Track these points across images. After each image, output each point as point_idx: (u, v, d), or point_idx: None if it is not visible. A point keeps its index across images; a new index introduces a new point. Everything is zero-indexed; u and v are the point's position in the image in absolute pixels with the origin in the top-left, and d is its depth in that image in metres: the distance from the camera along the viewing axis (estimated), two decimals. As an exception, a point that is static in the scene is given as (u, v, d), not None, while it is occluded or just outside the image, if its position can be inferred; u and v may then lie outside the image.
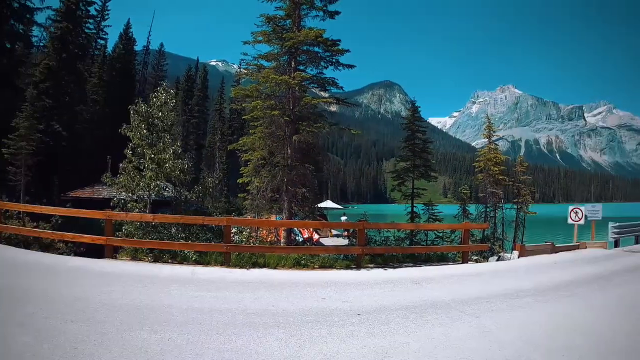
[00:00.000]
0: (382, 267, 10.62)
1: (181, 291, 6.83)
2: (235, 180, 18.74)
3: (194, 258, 10.00)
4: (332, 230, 27.63)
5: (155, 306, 5.87)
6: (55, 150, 25.98)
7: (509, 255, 14.49)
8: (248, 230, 13.50)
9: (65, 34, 29.51)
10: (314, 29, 14.11)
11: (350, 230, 22.52)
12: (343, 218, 33.05)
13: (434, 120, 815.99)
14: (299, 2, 14.73)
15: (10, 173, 23.32)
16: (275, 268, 9.78)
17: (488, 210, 24.43)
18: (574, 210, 16.26)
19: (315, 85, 15.49)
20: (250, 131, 16.47)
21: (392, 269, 10.35)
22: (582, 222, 16.15)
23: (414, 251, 13.40)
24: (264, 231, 14.82)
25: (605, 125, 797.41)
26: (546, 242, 15.19)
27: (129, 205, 12.44)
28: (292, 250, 11.75)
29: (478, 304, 6.78)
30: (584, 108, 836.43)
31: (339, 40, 14.73)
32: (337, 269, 10.22)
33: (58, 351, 4.08)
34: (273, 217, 15.91)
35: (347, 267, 10.35)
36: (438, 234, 17.80)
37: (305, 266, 10.15)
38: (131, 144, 12.46)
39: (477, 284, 8.75)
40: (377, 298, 7.10)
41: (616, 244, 16.69)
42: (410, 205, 23.42)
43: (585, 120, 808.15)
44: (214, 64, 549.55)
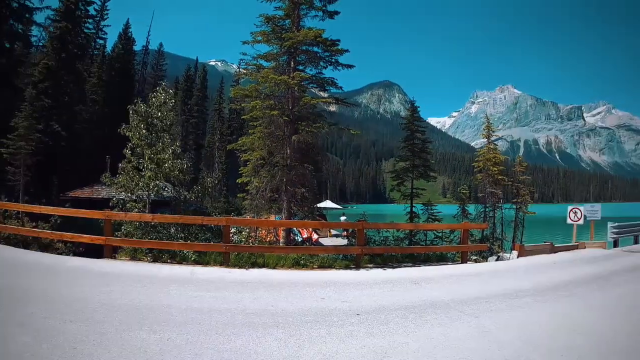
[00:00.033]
0: (381, 267, 10.62)
1: (180, 291, 6.82)
2: (235, 180, 18.75)
3: (193, 258, 10.00)
4: (331, 230, 27.62)
5: (155, 306, 5.86)
6: (55, 150, 25.96)
7: (508, 255, 14.50)
8: (247, 230, 13.51)
9: (65, 33, 29.48)
10: (313, 29, 14.12)
11: (350, 230, 22.58)
12: (342, 218, 33.06)
13: (433, 120, 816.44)
14: (298, 2, 14.73)
15: (9, 173, 23.29)
16: (274, 268, 9.77)
17: (487, 210, 24.45)
18: (573, 210, 16.27)
19: (315, 85, 15.50)
20: (250, 131, 16.48)
21: (391, 269, 10.35)
22: (581, 222, 16.15)
23: (413, 251, 13.40)
24: (263, 231, 14.83)
25: (604, 125, 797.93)
26: (545, 242, 15.20)
27: (128, 205, 12.42)
28: (291, 250, 11.74)
29: (477, 304, 6.78)
30: (583, 108, 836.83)
31: (338, 40, 14.75)
32: (336, 269, 10.21)
33: (57, 351, 4.07)
34: (272, 217, 15.93)
35: (346, 267, 10.34)
36: (437, 234, 17.80)
37: (305, 266, 10.14)
38: (130, 143, 12.44)
39: (476, 284, 8.75)
40: (376, 298, 7.09)
41: (615, 244, 16.68)
42: (410, 205, 23.42)
43: (584, 120, 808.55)
44: (213, 63, 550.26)
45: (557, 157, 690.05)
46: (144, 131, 12.34)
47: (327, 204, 39.56)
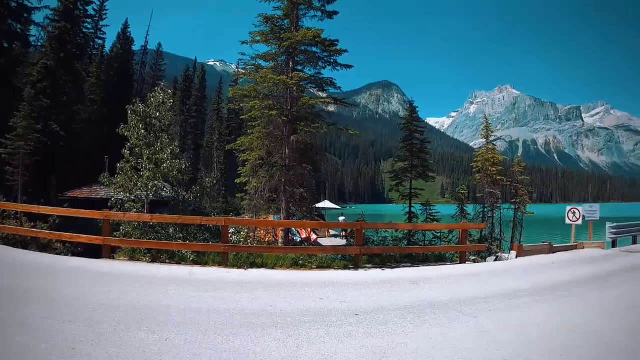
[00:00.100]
0: (380, 267, 10.62)
1: (179, 291, 6.82)
2: (233, 180, 18.72)
3: (191, 258, 10.00)
4: (330, 230, 27.58)
5: (153, 306, 5.86)
6: (53, 149, 25.91)
7: (506, 255, 14.51)
8: (246, 230, 13.50)
9: (63, 33, 29.41)
10: (312, 29, 14.12)
11: (348, 230, 22.54)
12: (341, 218, 32.99)
13: (431, 120, 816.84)
14: (297, 2, 14.73)
15: (7, 173, 23.26)
16: (272, 268, 9.77)
17: (486, 210, 24.47)
18: (572, 210, 16.29)
19: (313, 85, 15.50)
20: (248, 131, 16.48)
21: (389, 269, 10.35)
22: (580, 222, 16.16)
23: (412, 251, 13.41)
24: (262, 231, 14.82)
25: (602, 125, 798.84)
26: (544, 242, 15.21)
27: (127, 205, 12.42)
28: (290, 250, 11.75)
29: (476, 304, 6.79)
30: (581, 108, 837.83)
31: (337, 40, 14.77)
32: (335, 269, 10.22)
33: (55, 351, 4.07)
34: (271, 217, 15.92)
35: (345, 267, 10.34)
36: (436, 234, 17.82)
37: (303, 266, 10.14)
38: (129, 143, 12.44)
39: (474, 284, 8.76)
40: (375, 298, 7.10)
41: (613, 244, 16.67)
42: (408, 205, 23.44)
43: (582, 120, 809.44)
44: (211, 63, 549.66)
45: (556, 157, 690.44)
46: (142, 131, 12.33)
47: (326, 204, 39.41)
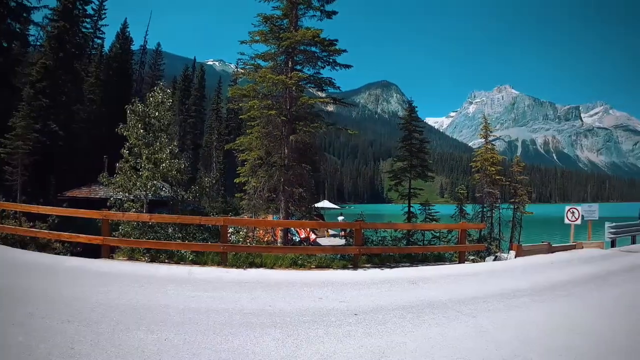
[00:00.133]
0: (379, 267, 10.63)
1: (178, 291, 6.82)
2: (232, 180, 18.70)
3: (190, 258, 10.00)
4: (329, 230, 27.56)
5: (152, 306, 5.86)
6: (52, 149, 25.86)
7: (505, 255, 14.54)
8: (245, 230, 13.49)
9: (62, 33, 29.36)
10: (311, 29, 14.10)
11: (347, 230, 22.53)
12: (340, 218, 32.99)
13: (431, 120, 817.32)
14: (296, 2, 14.72)
15: (6, 173, 23.22)
16: (272, 268, 9.78)
17: (485, 210, 24.47)
18: (571, 210, 16.30)
19: (312, 85, 15.48)
20: (247, 131, 16.47)
21: (389, 269, 10.36)
22: (579, 222, 16.18)
23: (411, 251, 13.41)
24: (261, 231, 14.80)
25: (601, 125, 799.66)
26: (543, 242, 15.22)
27: (126, 205, 12.41)
28: (289, 250, 11.76)
29: (475, 304, 6.79)
30: (580, 108, 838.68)
31: (336, 40, 14.75)
32: (334, 269, 10.22)
33: (55, 351, 4.07)
34: (270, 217, 15.91)
35: (344, 267, 10.35)
36: (435, 234, 17.81)
37: (302, 266, 10.14)
38: (128, 143, 12.44)
39: (474, 284, 8.76)
40: (374, 298, 7.10)
41: (613, 244, 16.69)
42: (407, 205, 23.43)
43: (582, 120, 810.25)
44: (211, 63, 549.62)
45: (555, 157, 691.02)
46: (142, 131, 12.34)
47: (325, 204, 39.38)
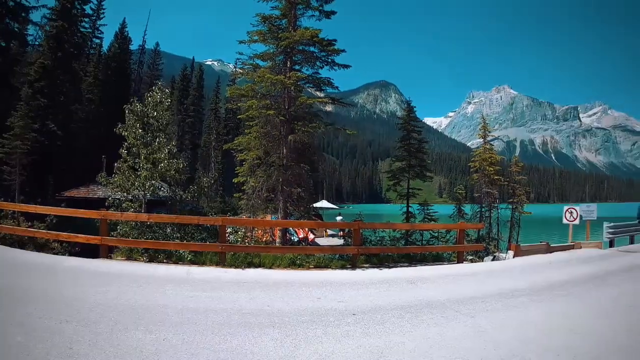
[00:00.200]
0: (378, 267, 10.64)
1: (176, 291, 6.81)
2: (231, 180, 18.69)
3: (189, 258, 9.99)
4: (328, 230, 27.58)
5: (151, 306, 5.85)
6: (50, 149, 25.83)
7: (504, 255, 14.55)
8: (243, 230, 13.50)
9: (61, 32, 29.33)
10: (310, 29, 14.09)
11: (346, 230, 22.54)
12: (338, 218, 33.00)
13: (429, 120, 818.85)
14: (295, 2, 14.70)
15: (5, 172, 23.20)
16: (270, 268, 9.78)
17: (483, 210, 24.43)
18: (569, 211, 16.33)
19: (311, 85, 15.46)
20: (246, 131, 16.46)
21: (387, 269, 10.37)
22: (577, 222, 16.21)
23: (410, 251, 13.43)
24: (260, 231, 14.81)
25: (600, 126, 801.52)
26: (541, 242, 15.25)
27: (124, 205, 12.39)
28: (288, 250, 11.75)
29: (473, 304, 6.80)
30: (579, 109, 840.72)
31: (335, 40, 14.73)
32: (333, 268, 10.23)
33: (53, 351, 4.06)
34: (268, 217, 15.90)
35: (343, 267, 10.36)
36: (433, 234, 17.80)
37: (301, 266, 10.15)
38: (126, 143, 12.42)
39: (472, 284, 8.77)
40: (373, 298, 7.10)
41: (611, 244, 16.73)
42: (406, 205, 23.40)
43: (580, 120, 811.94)
44: (209, 63, 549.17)
45: (553, 158, 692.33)
46: (140, 131, 12.32)
47: (324, 203, 39.43)
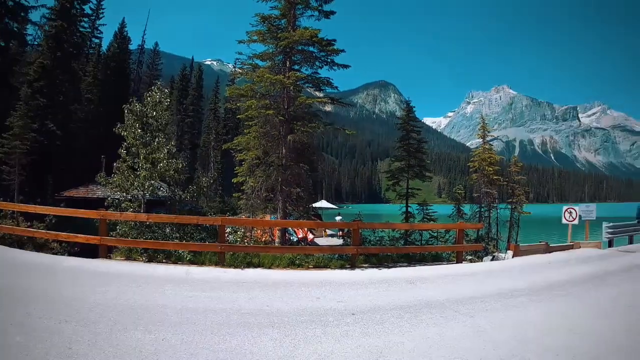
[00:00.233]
0: (377, 267, 10.64)
1: (175, 291, 6.80)
2: (230, 180, 18.70)
3: (188, 258, 9.98)
4: (327, 230, 27.58)
5: (150, 306, 5.85)
6: (50, 149, 25.84)
7: (503, 255, 14.55)
8: (242, 230, 13.50)
9: (60, 32, 29.33)
10: (309, 29, 14.09)
11: (345, 230, 22.54)
12: (338, 218, 32.99)
13: (428, 120, 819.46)
14: (294, 2, 14.70)
15: (4, 172, 23.21)
16: (269, 268, 9.77)
17: (482, 210, 24.44)
18: (568, 210, 16.34)
19: (310, 85, 15.46)
20: (245, 131, 16.46)
21: (386, 269, 10.37)
22: (576, 222, 16.22)
23: (409, 251, 13.42)
24: (259, 231, 14.80)
25: (599, 126, 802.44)
26: (540, 242, 15.24)
27: (123, 205, 12.39)
28: (287, 250, 11.74)
29: (472, 304, 6.80)
30: (578, 109, 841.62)
31: (334, 40, 14.73)
32: (332, 268, 10.22)
33: (52, 351, 4.06)
34: (268, 217, 15.90)
35: (342, 267, 10.35)
36: (432, 233, 17.79)
37: (300, 266, 10.14)
38: (125, 143, 12.42)
39: (471, 284, 8.77)
40: (372, 298, 7.10)
41: (610, 244, 16.75)
42: (405, 205, 23.40)
43: (579, 120, 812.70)
44: (208, 63, 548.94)
45: (552, 158, 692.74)
46: (139, 130, 12.33)
47: (323, 203, 39.38)
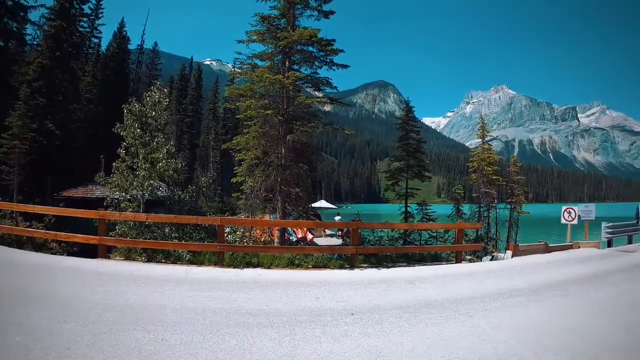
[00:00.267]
0: (376, 267, 10.63)
1: (175, 291, 6.80)
2: (229, 180, 18.71)
3: (187, 258, 9.97)
4: (326, 230, 27.61)
5: (149, 306, 5.84)
6: (49, 149, 25.81)
7: (502, 255, 14.55)
8: (242, 230, 13.51)
9: (59, 32, 29.29)
10: (309, 29, 14.10)
11: (344, 230, 22.55)
12: (337, 218, 32.99)
13: (427, 120, 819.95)
14: (293, 2, 14.71)
15: (3, 172, 23.18)
16: (269, 268, 9.76)
17: (482, 210, 24.48)
18: (567, 210, 16.34)
19: (309, 85, 15.47)
20: (244, 130, 16.45)
21: (385, 269, 10.36)
22: (575, 222, 16.22)
23: (408, 251, 13.42)
24: (258, 231, 14.81)
25: (598, 126, 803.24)
26: (539, 242, 15.24)
27: (123, 204, 12.37)
28: (286, 250, 11.74)
29: (471, 304, 6.80)
30: (577, 109, 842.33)
31: (334, 40, 14.73)
32: (331, 268, 10.21)
33: (51, 351, 4.05)
34: (267, 217, 15.90)
35: (341, 267, 10.34)
36: (432, 233, 17.84)
37: (299, 266, 10.14)
38: (125, 143, 12.40)
39: (470, 284, 8.76)
40: (371, 298, 7.10)
41: (609, 244, 16.75)
42: (404, 205, 23.41)
43: (578, 121, 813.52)
44: (208, 63, 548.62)
45: (552, 158, 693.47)
46: (138, 130, 12.31)
47: (322, 203, 39.40)
